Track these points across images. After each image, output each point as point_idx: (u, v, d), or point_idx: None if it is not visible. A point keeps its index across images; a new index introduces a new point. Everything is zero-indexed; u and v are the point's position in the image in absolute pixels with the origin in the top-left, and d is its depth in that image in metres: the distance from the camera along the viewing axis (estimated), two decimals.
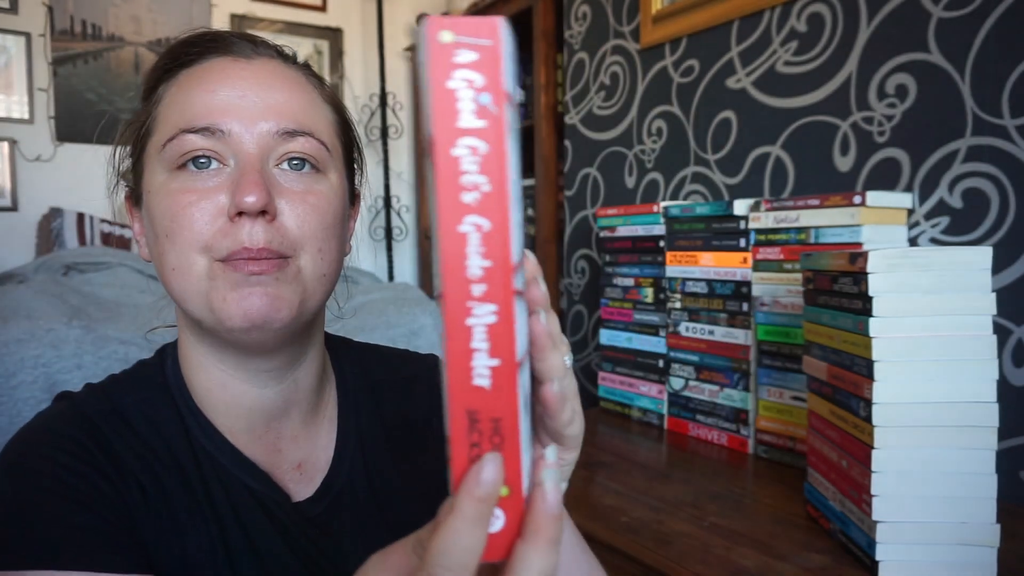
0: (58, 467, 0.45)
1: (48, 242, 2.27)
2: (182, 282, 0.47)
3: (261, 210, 0.46)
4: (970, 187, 1.03)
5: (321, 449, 0.58)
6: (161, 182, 0.49)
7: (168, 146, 0.48)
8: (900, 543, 0.72)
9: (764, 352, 1.16)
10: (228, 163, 0.48)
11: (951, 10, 1.05)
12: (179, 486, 0.50)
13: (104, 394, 0.52)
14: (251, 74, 0.50)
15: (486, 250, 0.28)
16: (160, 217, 0.48)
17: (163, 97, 0.51)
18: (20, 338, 1.51)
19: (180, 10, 2.66)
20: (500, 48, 0.29)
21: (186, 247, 0.47)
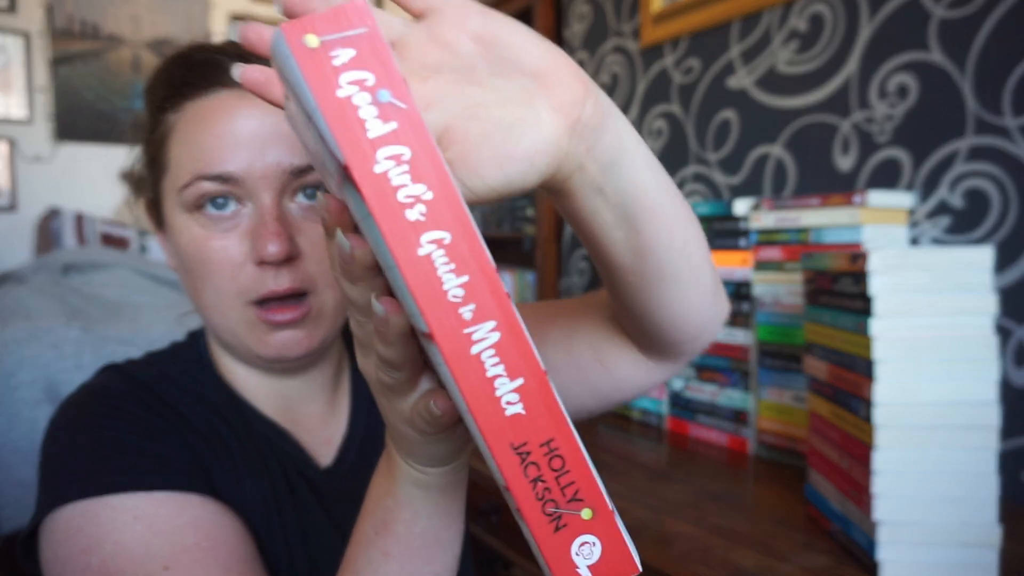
0: (125, 411, 0.49)
1: (47, 242, 2.27)
2: (220, 319, 0.52)
3: (284, 259, 0.49)
4: (971, 187, 1.03)
5: (338, 426, 0.62)
6: (183, 223, 0.51)
7: (184, 192, 0.50)
8: (901, 544, 0.72)
9: (765, 352, 1.16)
10: (246, 203, 0.50)
11: (952, 9, 1.04)
12: (226, 442, 0.53)
13: (149, 364, 0.56)
14: (257, 111, 0.49)
15: (457, 264, 0.24)
16: (189, 259, 0.51)
17: (173, 130, 0.51)
18: (19, 338, 1.51)
19: (179, 10, 2.66)
20: (378, 31, 0.24)
21: (219, 291, 0.50)
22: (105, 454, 0.46)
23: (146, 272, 2.11)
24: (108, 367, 0.55)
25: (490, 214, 2.58)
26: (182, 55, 0.53)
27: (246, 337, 0.52)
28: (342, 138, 0.23)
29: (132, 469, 0.45)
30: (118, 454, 0.46)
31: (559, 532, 0.26)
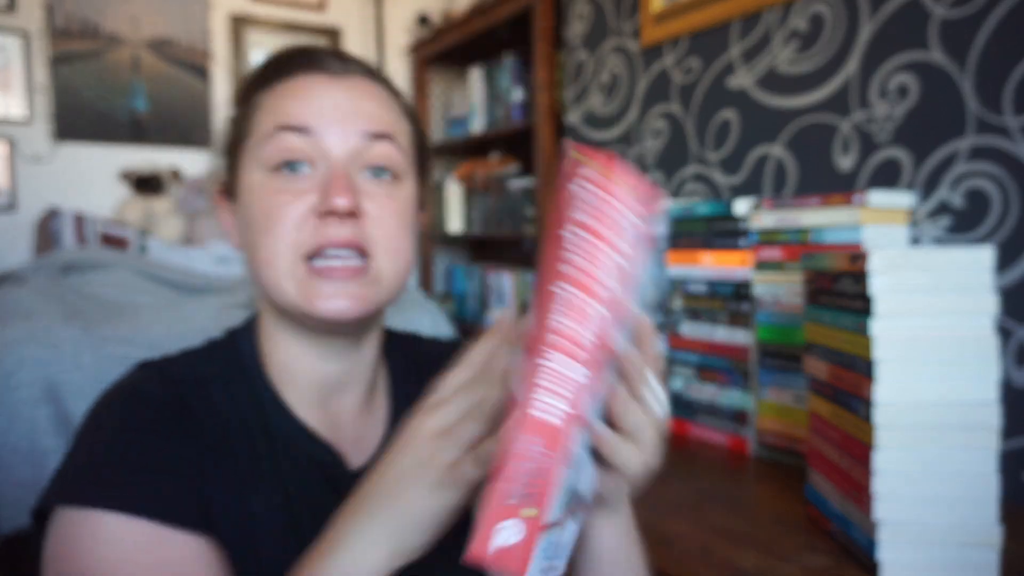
0: (145, 423, 0.51)
1: (46, 242, 2.27)
2: (273, 274, 0.53)
3: (349, 211, 0.52)
4: (972, 187, 1.03)
5: (375, 427, 0.64)
6: (258, 181, 0.54)
7: (266, 144, 0.54)
8: (901, 544, 0.72)
9: (765, 352, 1.16)
10: (318, 166, 0.53)
11: (953, 9, 1.04)
12: (247, 452, 0.55)
13: (186, 364, 0.58)
14: (342, 87, 0.55)
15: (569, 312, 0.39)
16: (256, 214, 0.54)
17: (260, 104, 0.56)
18: (19, 338, 1.51)
19: (179, 10, 2.66)
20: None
21: (279, 243, 0.52)
22: (112, 468, 0.49)
23: (146, 272, 2.11)
24: (145, 364, 0.57)
25: (490, 214, 2.58)
26: (282, 50, 0.59)
27: (297, 293, 0.53)
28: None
29: (128, 490, 0.48)
30: (122, 472, 0.49)
31: (505, 506, 0.37)
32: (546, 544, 0.39)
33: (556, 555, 0.42)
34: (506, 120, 2.42)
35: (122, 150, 2.56)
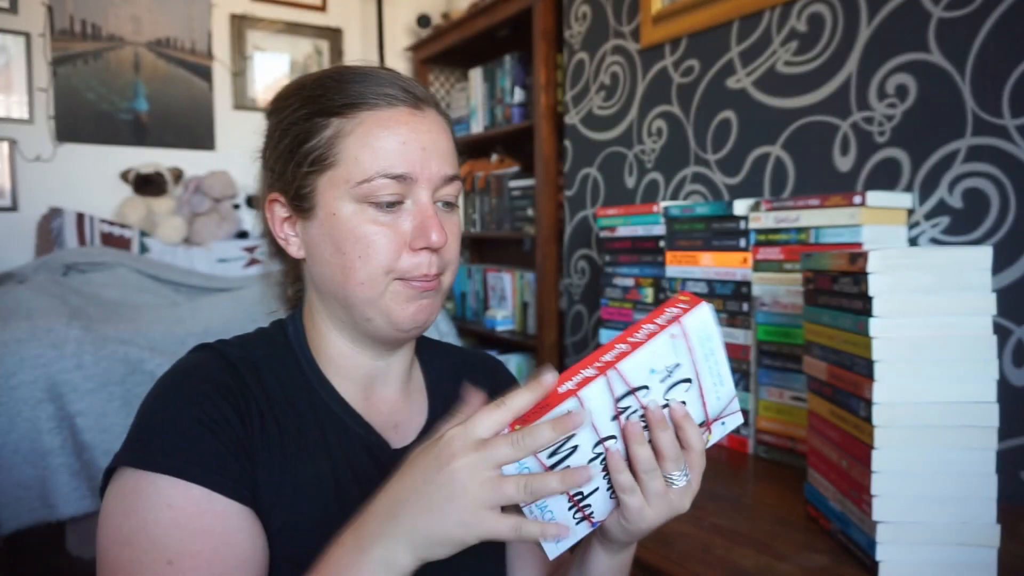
0: (202, 396, 0.56)
1: (48, 242, 2.27)
2: (368, 293, 0.60)
3: (442, 247, 0.60)
4: (970, 187, 1.03)
5: (415, 414, 0.70)
6: (351, 211, 0.60)
7: (364, 186, 0.59)
8: (900, 543, 0.72)
9: (764, 352, 1.16)
10: (407, 202, 0.60)
11: (951, 10, 1.05)
12: (294, 426, 0.61)
13: (240, 346, 0.64)
14: (426, 127, 0.61)
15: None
16: (353, 240, 0.60)
17: (347, 132, 0.60)
18: (20, 338, 1.51)
19: (180, 10, 2.66)
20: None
21: (376, 268, 0.59)
22: (168, 434, 0.55)
23: (146, 272, 2.11)
24: (201, 346, 0.63)
25: (490, 214, 2.59)
26: (353, 71, 0.63)
27: (390, 306, 0.60)
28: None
29: (184, 457, 0.53)
30: (180, 439, 0.54)
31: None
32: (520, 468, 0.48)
33: (544, 508, 0.51)
34: (506, 120, 2.42)
35: (123, 150, 2.57)
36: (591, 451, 0.50)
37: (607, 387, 0.49)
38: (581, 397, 0.48)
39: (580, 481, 0.48)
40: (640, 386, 0.49)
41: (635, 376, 0.49)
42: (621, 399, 0.49)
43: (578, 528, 0.54)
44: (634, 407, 0.50)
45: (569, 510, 0.53)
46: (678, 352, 0.50)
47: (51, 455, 1.49)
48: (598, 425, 0.49)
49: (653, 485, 0.52)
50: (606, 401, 0.49)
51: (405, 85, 0.62)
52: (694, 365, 0.51)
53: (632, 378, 0.49)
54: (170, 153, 2.64)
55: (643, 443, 0.51)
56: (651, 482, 0.52)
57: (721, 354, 0.52)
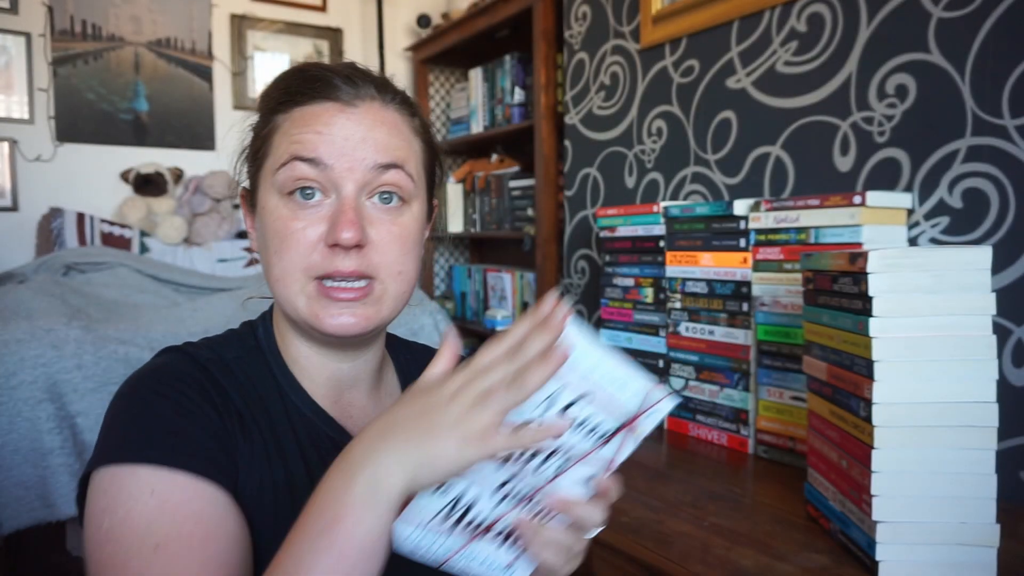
0: (175, 391, 0.55)
1: (48, 242, 2.27)
2: (285, 291, 0.58)
3: (355, 244, 0.56)
4: (970, 187, 1.03)
5: None
6: (274, 204, 0.58)
7: (280, 171, 0.58)
8: (900, 543, 0.72)
9: (764, 352, 1.16)
10: (330, 195, 0.58)
11: (951, 10, 1.05)
12: (269, 427, 0.59)
13: (210, 348, 0.62)
14: (356, 119, 0.59)
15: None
16: (271, 234, 0.58)
17: (279, 127, 0.60)
18: (20, 338, 1.51)
19: (180, 10, 2.66)
20: None
21: (290, 265, 0.57)
22: (144, 427, 0.52)
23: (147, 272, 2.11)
24: (169, 348, 0.61)
25: (490, 214, 2.59)
26: (300, 69, 0.62)
27: (306, 309, 0.58)
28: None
29: (163, 444, 0.51)
30: (155, 429, 0.52)
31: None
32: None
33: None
34: (506, 120, 2.42)
35: (123, 150, 2.57)
36: (492, 497, 0.50)
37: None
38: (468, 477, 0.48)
39: (556, 363, 0.45)
40: (520, 424, 0.47)
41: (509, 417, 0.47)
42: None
43: (520, 560, 0.53)
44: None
45: (500, 547, 0.53)
46: (559, 375, 0.46)
47: (51, 455, 1.49)
48: (487, 476, 0.49)
49: (577, 549, 0.53)
50: (490, 465, 0.48)
51: (348, 79, 0.59)
52: (584, 380, 0.48)
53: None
54: (170, 153, 2.64)
55: (544, 530, 0.51)
56: (575, 548, 0.53)
57: (613, 359, 0.49)
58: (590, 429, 0.51)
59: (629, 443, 0.53)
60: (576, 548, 0.54)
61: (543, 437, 0.46)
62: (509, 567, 0.53)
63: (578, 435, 0.51)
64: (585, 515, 0.52)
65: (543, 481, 0.51)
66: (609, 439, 0.52)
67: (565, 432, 0.48)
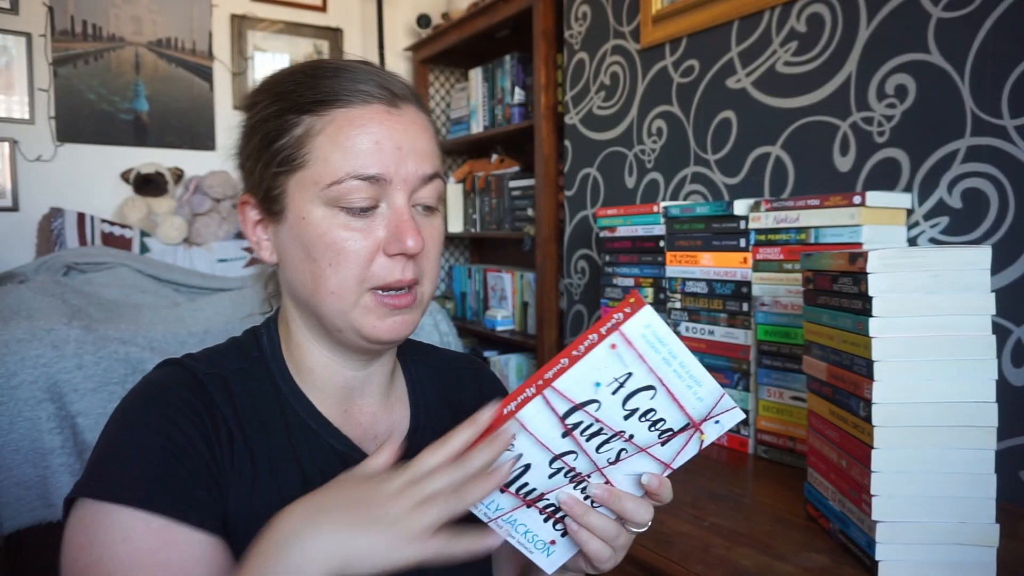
0: (166, 421, 0.53)
1: (49, 242, 2.27)
2: (338, 304, 0.57)
3: (417, 252, 0.56)
4: (969, 187, 1.03)
5: (396, 424, 0.68)
6: (321, 216, 0.56)
7: (334, 187, 0.55)
8: (900, 543, 0.73)
9: (764, 352, 1.16)
10: (380, 203, 0.57)
11: (951, 10, 1.05)
12: (264, 445, 0.58)
13: (209, 361, 0.60)
14: (402, 125, 0.57)
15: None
16: (322, 248, 0.56)
17: (318, 132, 0.56)
18: (21, 338, 1.51)
19: (181, 10, 2.66)
20: None
21: (348, 277, 0.56)
22: (128, 464, 0.52)
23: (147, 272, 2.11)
24: (167, 362, 0.60)
25: (490, 214, 2.59)
26: (326, 65, 0.59)
27: (361, 320, 0.57)
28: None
29: (144, 487, 0.51)
30: (141, 469, 0.51)
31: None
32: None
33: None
34: (506, 120, 2.42)
35: (124, 150, 2.57)
36: (548, 467, 0.51)
37: (546, 406, 0.48)
38: (520, 419, 0.48)
39: (498, 480, 0.48)
40: (587, 400, 0.48)
41: (577, 391, 0.48)
42: (568, 415, 0.49)
43: (563, 540, 0.54)
44: (586, 422, 0.49)
45: (545, 522, 0.53)
46: (626, 361, 0.47)
47: (52, 455, 1.49)
48: (548, 443, 0.49)
49: (618, 543, 0.53)
50: (548, 420, 0.49)
51: (381, 80, 0.58)
52: (652, 372, 0.48)
53: (574, 394, 0.48)
54: (170, 153, 2.64)
55: (591, 513, 0.52)
56: (618, 540, 0.53)
57: (686, 356, 0.49)
58: (654, 422, 0.51)
59: (692, 446, 0.53)
60: (618, 542, 0.53)
61: (478, 547, 0.47)
62: (550, 545, 0.54)
63: (642, 426, 0.51)
64: (632, 510, 0.52)
65: (601, 463, 0.52)
66: (672, 437, 0.52)
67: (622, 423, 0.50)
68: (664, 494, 0.54)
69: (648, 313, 0.47)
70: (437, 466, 0.47)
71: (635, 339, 0.47)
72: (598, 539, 0.52)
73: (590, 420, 0.49)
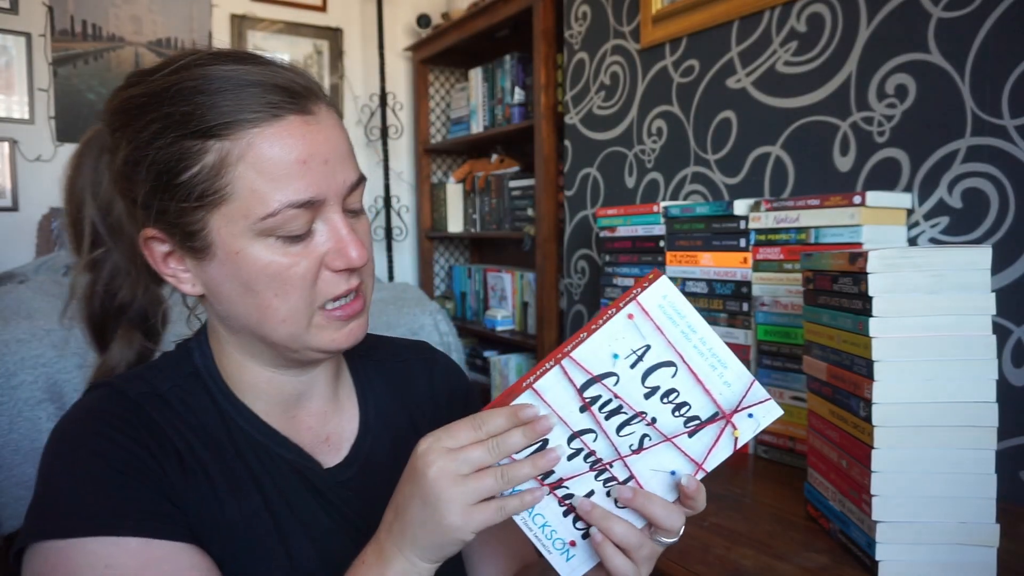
0: (107, 442, 0.51)
1: (49, 242, 2.27)
2: (292, 329, 0.55)
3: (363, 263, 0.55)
4: (969, 187, 1.03)
5: (346, 423, 0.66)
6: (255, 249, 0.52)
7: (269, 220, 0.51)
8: (900, 543, 0.72)
9: (764, 352, 1.16)
10: (316, 221, 0.54)
11: (951, 10, 1.05)
12: (215, 461, 0.55)
13: (142, 379, 0.57)
14: (323, 135, 0.53)
15: None
16: (266, 279, 0.53)
17: (235, 160, 0.50)
18: (21, 338, 1.51)
19: (180, 10, 2.66)
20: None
21: (298, 302, 0.54)
22: (86, 493, 0.49)
23: None
24: (100, 384, 0.57)
25: (490, 214, 2.59)
26: (207, 75, 0.51)
27: (316, 338, 0.55)
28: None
29: (108, 513, 0.48)
30: (98, 495, 0.49)
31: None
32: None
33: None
34: (506, 120, 2.42)
35: None
36: (567, 446, 0.49)
37: (563, 376, 0.47)
38: (537, 388, 0.47)
39: (549, 463, 0.47)
40: (604, 373, 0.47)
41: (594, 363, 0.47)
42: (585, 388, 0.48)
43: (584, 543, 0.51)
44: (605, 396, 0.48)
45: (565, 516, 0.50)
46: (643, 333, 0.47)
47: None
48: (566, 417, 0.48)
49: (642, 553, 0.49)
50: (566, 391, 0.48)
51: (281, 80, 0.52)
52: (671, 346, 0.47)
53: (591, 365, 0.47)
54: None
55: (611, 519, 0.49)
56: (640, 551, 0.49)
57: (708, 332, 0.48)
58: (677, 406, 0.48)
59: (724, 444, 0.49)
60: (642, 553, 0.49)
61: (525, 477, 0.48)
62: (570, 547, 0.51)
63: (665, 408, 0.48)
64: (661, 515, 0.48)
65: (623, 450, 0.49)
66: (700, 427, 0.49)
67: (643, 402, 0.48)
68: (699, 500, 0.50)
69: (665, 283, 0.47)
70: (479, 458, 0.47)
71: (652, 309, 0.47)
72: (622, 553, 0.48)
73: (609, 395, 0.48)
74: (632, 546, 0.48)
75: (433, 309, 2.05)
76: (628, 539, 0.48)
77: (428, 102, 2.90)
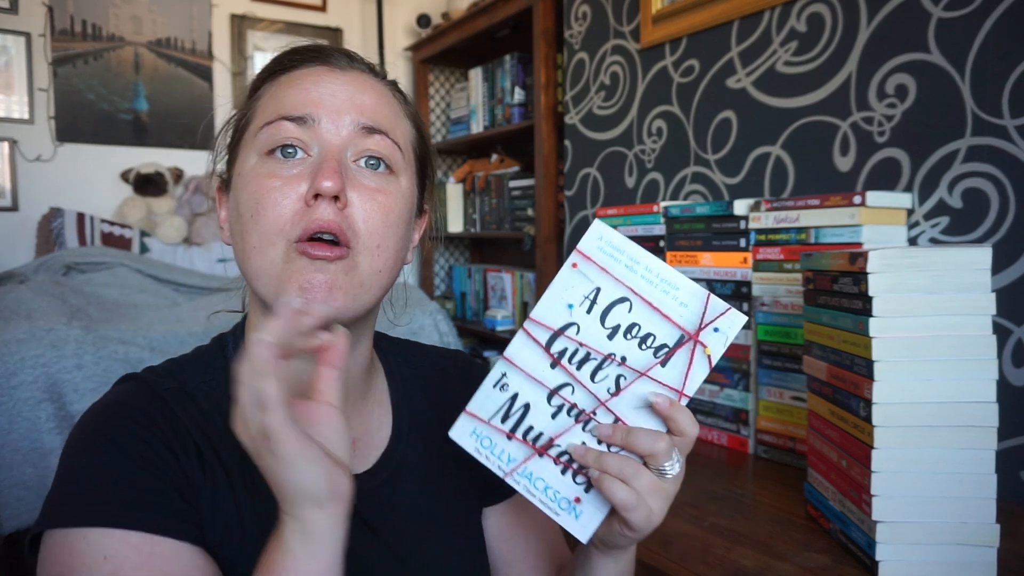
0: (128, 435, 0.51)
1: (48, 242, 2.27)
2: (260, 260, 0.52)
3: (335, 195, 0.51)
4: (970, 187, 1.03)
5: (375, 429, 0.64)
6: (251, 167, 0.54)
7: (264, 130, 0.54)
8: (900, 543, 0.72)
9: (764, 352, 1.16)
10: (311, 152, 0.54)
11: (951, 10, 1.05)
12: (236, 460, 0.54)
13: (170, 375, 0.57)
14: (344, 81, 0.56)
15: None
16: (247, 199, 0.53)
17: (264, 95, 0.57)
18: (20, 338, 1.51)
19: (180, 10, 2.66)
20: None
21: (270, 227, 0.51)
22: (97, 483, 0.49)
23: (147, 272, 2.11)
24: (128, 377, 0.57)
25: (490, 214, 2.59)
26: (285, 49, 0.60)
27: (282, 275, 0.51)
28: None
29: (117, 503, 0.48)
30: (109, 484, 0.49)
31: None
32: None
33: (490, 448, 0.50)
34: (506, 120, 2.42)
35: (123, 150, 2.57)
36: (548, 404, 0.50)
37: (528, 338, 0.49)
38: (507, 356, 0.49)
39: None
40: (564, 325, 0.49)
41: (552, 317, 0.49)
42: (550, 344, 0.49)
43: (589, 496, 0.50)
44: (571, 347, 0.49)
45: (563, 474, 0.50)
46: (590, 277, 0.49)
47: (51, 455, 1.49)
48: (540, 377, 0.49)
49: (642, 483, 0.48)
50: (534, 352, 0.49)
51: (336, 50, 0.58)
52: (620, 282, 0.48)
53: (550, 320, 0.49)
54: (170, 153, 2.64)
55: (604, 455, 0.48)
56: (639, 480, 0.48)
57: (651, 260, 0.48)
58: (642, 339, 0.49)
59: (699, 364, 0.49)
60: (640, 483, 0.48)
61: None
62: (576, 504, 0.50)
63: (631, 344, 0.49)
64: (646, 443, 0.48)
65: (602, 395, 0.49)
66: (671, 354, 0.49)
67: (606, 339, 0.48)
68: (680, 420, 0.49)
69: (599, 226, 0.48)
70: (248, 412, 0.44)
71: (592, 252, 0.49)
72: (622, 484, 0.48)
73: (574, 345, 0.49)
74: (629, 475, 0.48)
75: (433, 309, 2.05)
76: (624, 469, 0.48)
77: (428, 102, 2.90)
